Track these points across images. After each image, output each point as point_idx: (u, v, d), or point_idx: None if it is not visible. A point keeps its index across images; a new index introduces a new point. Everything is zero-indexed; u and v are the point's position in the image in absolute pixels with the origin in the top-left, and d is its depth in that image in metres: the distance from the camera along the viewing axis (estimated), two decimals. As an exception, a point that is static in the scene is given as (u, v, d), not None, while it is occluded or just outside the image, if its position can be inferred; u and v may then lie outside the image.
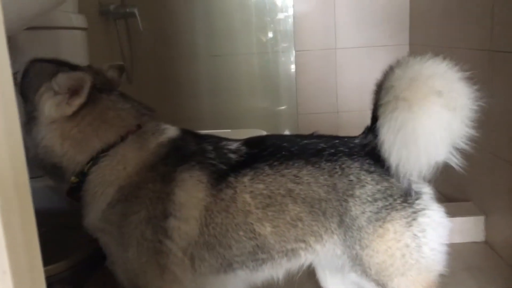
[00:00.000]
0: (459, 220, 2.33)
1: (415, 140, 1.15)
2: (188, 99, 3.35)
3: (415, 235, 1.23)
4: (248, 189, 1.24)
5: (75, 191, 1.28)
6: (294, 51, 3.34)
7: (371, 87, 1.29)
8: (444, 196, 2.61)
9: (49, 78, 1.22)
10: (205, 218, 1.22)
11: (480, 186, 2.37)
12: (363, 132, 1.34)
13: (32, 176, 1.60)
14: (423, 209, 1.24)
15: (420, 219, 1.23)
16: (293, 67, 3.35)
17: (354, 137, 1.34)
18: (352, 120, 3.50)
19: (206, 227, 1.22)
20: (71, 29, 1.78)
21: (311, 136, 1.35)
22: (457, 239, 2.37)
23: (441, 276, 1.29)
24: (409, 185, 1.24)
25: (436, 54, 1.13)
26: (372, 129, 1.28)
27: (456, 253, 2.35)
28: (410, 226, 1.23)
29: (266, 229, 1.24)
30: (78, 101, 1.21)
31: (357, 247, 1.24)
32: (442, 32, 2.79)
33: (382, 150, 1.20)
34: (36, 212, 1.54)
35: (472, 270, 2.17)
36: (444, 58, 1.20)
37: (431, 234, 1.24)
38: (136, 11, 3.03)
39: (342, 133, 1.40)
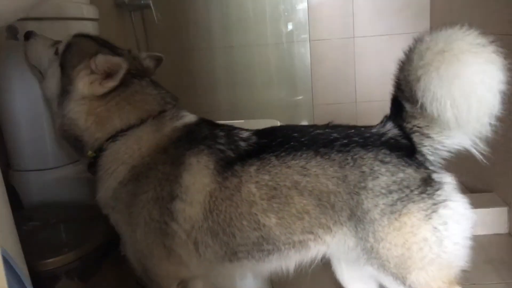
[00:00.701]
0: (481, 211, 2.29)
1: (473, 88, 1.09)
2: (204, 90, 3.35)
3: (435, 228, 1.17)
4: (254, 179, 1.22)
5: (93, 165, 1.34)
6: (309, 41, 3.29)
7: (391, 76, 1.25)
8: (466, 187, 2.55)
9: (89, 57, 1.29)
10: (209, 204, 1.23)
11: (503, 176, 2.32)
12: (381, 121, 1.29)
13: (43, 168, 1.61)
14: (445, 200, 1.18)
15: (441, 211, 1.18)
16: (308, 57, 3.30)
17: (371, 127, 1.29)
18: (371, 111, 3.44)
19: (210, 212, 1.23)
20: (82, 20, 1.78)
21: (326, 126, 1.31)
22: (480, 231, 2.32)
23: (463, 270, 1.22)
24: (429, 174, 1.19)
25: None
26: (396, 117, 1.24)
27: (478, 245, 2.27)
28: (430, 219, 1.17)
29: (271, 221, 1.22)
30: (111, 84, 1.28)
31: (371, 239, 1.20)
32: (464, 19, 2.71)
33: (430, 111, 1.13)
34: (45, 204, 1.55)
35: (494, 263, 2.12)
36: None
37: (453, 227, 1.18)
38: (151, 2, 3.04)
39: (361, 123, 1.35)
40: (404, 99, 1.21)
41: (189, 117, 1.37)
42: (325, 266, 1.41)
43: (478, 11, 2.51)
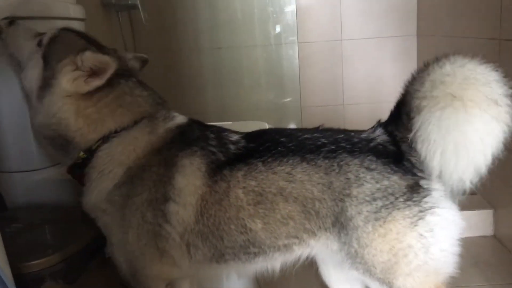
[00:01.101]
0: (467, 214, 2.29)
1: (468, 144, 1.08)
2: (191, 91, 3.33)
3: (421, 235, 1.16)
4: (241, 184, 1.22)
5: (78, 168, 1.29)
6: (297, 43, 3.30)
7: (378, 78, 1.25)
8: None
9: (75, 52, 1.24)
10: (200, 207, 1.22)
11: (489, 178, 2.33)
12: (373, 126, 1.28)
13: (28, 169, 1.59)
14: (432, 207, 1.17)
15: (428, 218, 1.16)
16: (296, 59, 3.31)
17: (362, 131, 1.28)
18: (359, 113, 3.47)
19: (201, 215, 1.22)
20: (68, 20, 1.76)
21: (315, 130, 1.30)
22: (465, 233, 2.31)
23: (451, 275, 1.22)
24: (417, 181, 1.18)
25: (445, 44, 1.10)
26: (390, 123, 1.23)
27: (464, 247, 2.30)
28: (415, 226, 1.16)
29: (257, 225, 1.22)
30: (96, 83, 1.23)
31: (355, 245, 1.20)
32: (451, 22, 2.74)
33: (418, 149, 1.13)
34: (30, 205, 1.52)
35: (480, 265, 2.14)
36: (454, 48, 1.14)
37: (440, 234, 1.17)
38: (138, 2, 3.02)
39: (348, 126, 1.35)
40: (404, 111, 1.19)
41: (180, 118, 1.35)
42: (310, 266, 1.41)
43: (464, 15, 2.53)
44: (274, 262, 1.31)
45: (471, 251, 2.24)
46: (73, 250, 1.30)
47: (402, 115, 1.20)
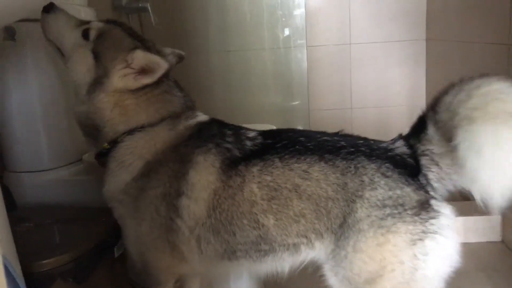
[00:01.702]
0: (474, 219, 2.28)
1: None
2: (200, 93, 3.33)
3: (415, 255, 1.14)
4: (256, 179, 1.22)
5: (102, 156, 1.33)
6: (306, 47, 3.30)
7: (386, 83, 1.24)
8: (460, 194, 2.56)
9: (127, 51, 1.28)
10: (212, 202, 1.23)
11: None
12: (394, 138, 1.27)
13: (37, 170, 1.61)
14: (435, 232, 1.15)
15: (428, 242, 1.14)
16: (305, 62, 3.31)
17: (381, 141, 1.27)
18: (367, 117, 3.46)
19: (213, 210, 1.23)
20: (79, 22, 1.78)
21: (335, 134, 1.30)
22: (473, 239, 2.33)
23: (455, 276, 1.18)
24: (428, 200, 1.16)
25: (454, 49, 1.08)
26: (412, 135, 1.21)
27: (471, 252, 2.31)
28: (413, 245, 1.14)
29: (269, 221, 1.22)
30: (147, 81, 1.28)
31: (349, 248, 1.18)
32: (460, 27, 2.74)
33: (461, 157, 1.07)
34: (39, 205, 1.54)
35: (487, 270, 2.12)
36: (463, 53, 1.12)
37: (432, 261, 1.15)
38: (148, 6, 3.04)
39: (356, 130, 1.36)
40: (433, 121, 1.17)
41: (202, 117, 1.38)
42: (314, 269, 1.41)
43: (474, 20, 2.53)
44: (283, 263, 1.30)
45: (478, 256, 2.23)
46: (83, 249, 1.32)
47: (429, 124, 1.18)
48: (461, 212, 1.21)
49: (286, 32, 3.32)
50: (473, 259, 2.20)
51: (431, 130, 1.18)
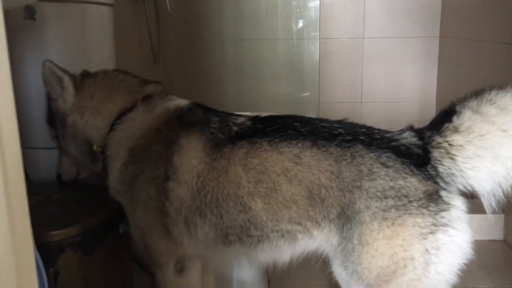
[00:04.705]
0: (478, 217, 2.29)
1: None
2: (212, 81, 3.37)
3: (426, 250, 1.11)
4: (242, 162, 1.22)
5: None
6: (319, 39, 3.31)
7: (398, 78, 1.24)
8: (463, 193, 2.57)
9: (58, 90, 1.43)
10: (197, 184, 1.24)
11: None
12: (402, 129, 1.23)
13: (53, 147, 1.63)
14: (447, 224, 1.11)
15: (439, 235, 1.10)
16: (317, 54, 3.32)
17: (388, 131, 1.24)
18: (376, 111, 3.46)
19: (198, 192, 1.24)
20: (97, 4, 1.80)
21: (337, 121, 1.27)
22: (475, 237, 2.32)
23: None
24: (437, 190, 1.13)
25: (467, 47, 1.07)
26: (433, 127, 1.19)
27: (473, 250, 2.31)
28: (424, 239, 1.11)
29: (257, 205, 1.21)
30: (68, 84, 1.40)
31: (355, 241, 1.14)
32: (474, 25, 2.72)
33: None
34: (51, 181, 1.57)
35: (488, 268, 2.14)
36: (476, 52, 1.15)
37: (444, 256, 1.11)
38: (164, -7, 3.05)
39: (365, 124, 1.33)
40: (466, 107, 1.16)
41: (179, 100, 1.41)
42: (318, 261, 1.41)
43: (489, 18, 2.52)
44: (281, 252, 1.29)
45: (480, 254, 2.24)
46: (91, 224, 1.35)
47: (459, 112, 1.16)
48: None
49: (300, 23, 3.32)
50: (476, 257, 2.20)
51: (465, 115, 1.15)
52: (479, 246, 2.31)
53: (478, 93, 1.16)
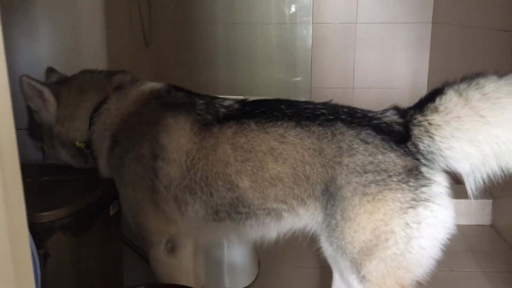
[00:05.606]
0: (466, 202, 2.33)
1: None
2: (204, 65, 3.35)
3: (407, 224, 1.13)
4: (230, 141, 1.25)
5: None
6: (311, 24, 3.29)
7: (390, 64, 1.25)
8: (452, 177, 2.59)
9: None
10: (186, 163, 1.27)
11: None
12: (386, 108, 1.26)
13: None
14: (427, 199, 1.13)
15: (420, 210, 1.13)
16: (310, 39, 3.31)
17: (371, 111, 1.27)
18: (368, 97, 3.47)
19: (187, 171, 1.27)
20: (87, -14, 1.78)
21: (321, 103, 1.30)
22: (463, 221, 2.37)
23: (443, 256, 1.18)
24: (417, 166, 1.15)
25: (459, 33, 1.08)
26: (419, 106, 1.21)
27: (461, 234, 2.35)
28: (404, 213, 1.13)
29: (244, 183, 1.24)
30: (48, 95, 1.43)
31: (338, 217, 1.18)
32: (467, 11, 2.73)
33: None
34: (40, 162, 1.56)
35: (475, 252, 2.18)
36: (468, 38, 1.17)
37: (426, 230, 1.14)
38: (156, -25, 3.02)
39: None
40: (453, 89, 1.17)
41: (152, 84, 1.44)
42: (308, 239, 1.44)
43: (481, 4, 2.52)
44: (268, 229, 1.32)
45: (467, 238, 2.28)
46: (81, 205, 1.35)
47: (444, 93, 1.18)
48: (453, 195, 1.18)
49: (293, 8, 3.31)
50: (463, 241, 2.25)
51: (442, 98, 1.17)
52: (467, 231, 2.37)
53: (472, 77, 1.17)
